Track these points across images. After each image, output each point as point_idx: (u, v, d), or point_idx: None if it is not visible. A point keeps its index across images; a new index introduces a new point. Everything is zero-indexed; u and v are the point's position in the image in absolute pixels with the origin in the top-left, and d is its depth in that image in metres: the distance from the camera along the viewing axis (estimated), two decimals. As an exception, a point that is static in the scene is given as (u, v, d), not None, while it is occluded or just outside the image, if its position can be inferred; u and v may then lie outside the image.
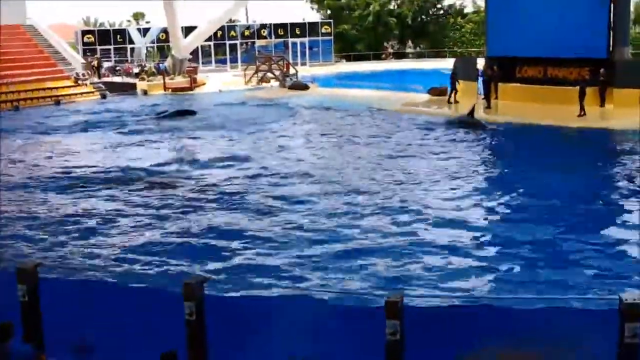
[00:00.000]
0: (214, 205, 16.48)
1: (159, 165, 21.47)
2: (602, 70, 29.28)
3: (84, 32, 60.34)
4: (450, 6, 70.12)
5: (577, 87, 28.32)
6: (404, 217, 14.91)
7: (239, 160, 22.10)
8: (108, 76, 50.31)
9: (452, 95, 33.26)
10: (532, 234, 13.65)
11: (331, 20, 65.59)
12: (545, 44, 30.80)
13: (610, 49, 30.03)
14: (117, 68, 52.75)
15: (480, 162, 21.45)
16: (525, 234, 13.66)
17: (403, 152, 22.96)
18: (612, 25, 29.92)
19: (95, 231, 14.63)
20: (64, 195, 17.91)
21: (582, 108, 27.42)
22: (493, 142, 25.25)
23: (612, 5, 29.80)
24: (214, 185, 18.54)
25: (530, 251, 12.72)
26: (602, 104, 29.41)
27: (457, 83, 33.31)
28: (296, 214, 15.39)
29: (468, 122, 26.89)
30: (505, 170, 20.80)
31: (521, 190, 17.62)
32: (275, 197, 16.96)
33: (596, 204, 16.03)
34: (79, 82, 44.54)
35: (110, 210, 16.25)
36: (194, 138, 27.38)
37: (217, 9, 50.75)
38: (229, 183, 18.80)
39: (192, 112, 34.15)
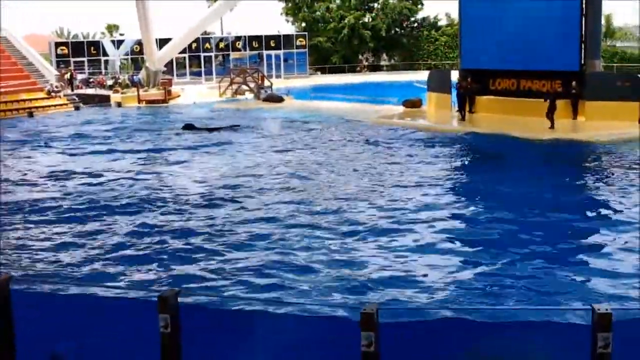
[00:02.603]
0: (187, 216, 16.43)
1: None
2: (574, 82, 29.64)
3: (57, 44, 59.96)
4: (424, 19, 70.67)
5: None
6: (366, 227, 14.99)
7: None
8: (82, 88, 50.06)
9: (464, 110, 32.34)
10: (492, 245, 13.82)
11: (306, 33, 65.80)
12: (518, 56, 31.13)
13: (582, 61, 30.39)
14: (91, 80, 52.53)
15: (446, 173, 21.51)
16: (485, 245, 13.84)
17: (375, 162, 23.10)
18: (583, 38, 30.31)
19: (72, 243, 14.51)
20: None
21: (551, 121, 27.64)
22: (462, 154, 25.52)
23: (583, 18, 30.19)
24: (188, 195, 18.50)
25: (496, 262, 12.80)
26: (574, 116, 29.77)
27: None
28: (269, 228, 15.40)
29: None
30: (472, 181, 21.04)
31: (484, 201, 17.94)
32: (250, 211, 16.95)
33: (560, 215, 16.15)
34: (52, 94, 44.27)
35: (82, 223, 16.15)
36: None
37: (192, 21, 50.72)
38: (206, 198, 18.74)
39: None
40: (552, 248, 13.54)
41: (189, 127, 32.97)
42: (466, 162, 24.31)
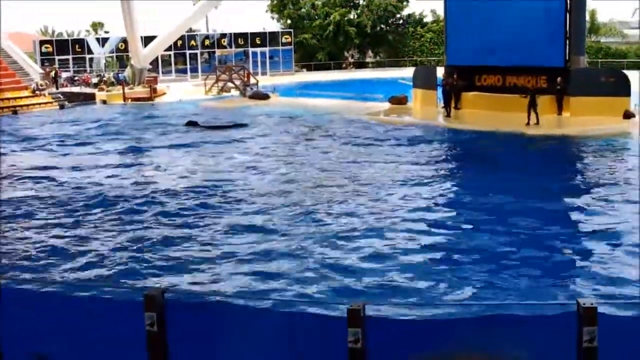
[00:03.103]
0: (172, 214, 16.39)
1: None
2: (559, 78, 29.77)
3: (42, 42, 59.66)
4: (410, 15, 70.68)
5: (541, 95, 28.84)
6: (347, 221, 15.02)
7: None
8: (66, 86, 49.79)
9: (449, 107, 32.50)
10: (477, 239, 13.89)
11: (291, 30, 65.75)
12: (503, 52, 31.24)
13: (567, 57, 30.53)
14: (76, 78, 52.27)
15: (430, 169, 21.50)
16: (469, 239, 13.91)
17: (359, 158, 23.13)
18: (568, 34, 30.44)
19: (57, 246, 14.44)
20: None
21: (534, 116, 27.69)
22: (448, 150, 25.59)
23: (568, 15, 30.32)
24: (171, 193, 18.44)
25: (481, 257, 12.86)
26: (559, 112, 29.94)
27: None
28: (255, 219, 15.39)
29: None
30: (457, 177, 21.11)
31: (469, 196, 18.07)
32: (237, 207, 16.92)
33: (546, 210, 16.23)
34: (37, 92, 44.02)
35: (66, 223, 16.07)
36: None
37: (177, 18, 50.56)
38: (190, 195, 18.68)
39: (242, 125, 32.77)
40: (536, 242, 13.60)
41: (192, 124, 32.52)
42: (451, 159, 24.34)
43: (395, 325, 6.16)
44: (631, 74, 30.46)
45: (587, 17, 44.79)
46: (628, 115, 28.34)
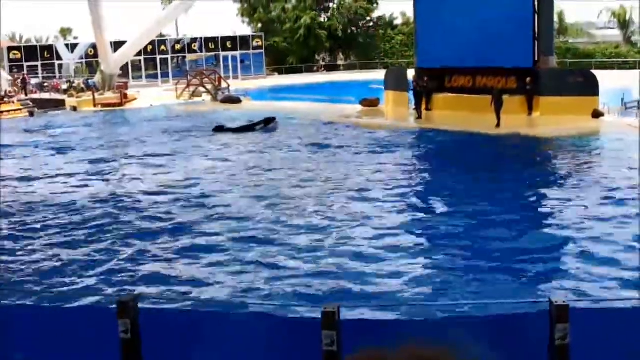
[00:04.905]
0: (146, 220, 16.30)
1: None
2: (528, 79, 30.00)
3: (10, 49, 59.08)
4: (380, 18, 70.95)
5: (511, 96, 29.09)
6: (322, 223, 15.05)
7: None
8: (36, 93, 49.36)
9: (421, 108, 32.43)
10: (444, 238, 14.00)
11: (262, 34, 65.71)
12: (473, 54, 31.38)
13: (536, 58, 30.79)
14: (45, 84, 51.83)
15: (401, 170, 21.60)
16: (435, 239, 14.02)
17: (333, 161, 23.18)
18: (537, 35, 30.71)
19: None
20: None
21: (498, 117, 27.71)
22: (419, 151, 25.75)
23: (536, 15, 30.60)
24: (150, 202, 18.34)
25: (452, 256, 12.95)
26: (529, 112, 30.16)
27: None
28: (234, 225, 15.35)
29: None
30: (428, 177, 21.25)
31: (439, 196, 18.17)
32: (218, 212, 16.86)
33: (513, 208, 16.37)
34: (6, 99, 43.58)
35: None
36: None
37: (146, 23, 50.30)
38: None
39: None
40: (502, 242, 13.70)
41: (219, 129, 31.36)
42: (422, 159, 24.45)
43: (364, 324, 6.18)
44: (599, 74, 30.85)
45: (555, 18, 45.21)
46: (597, 114, 28.67)
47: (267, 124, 31.62)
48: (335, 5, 69.32)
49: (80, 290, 11.87)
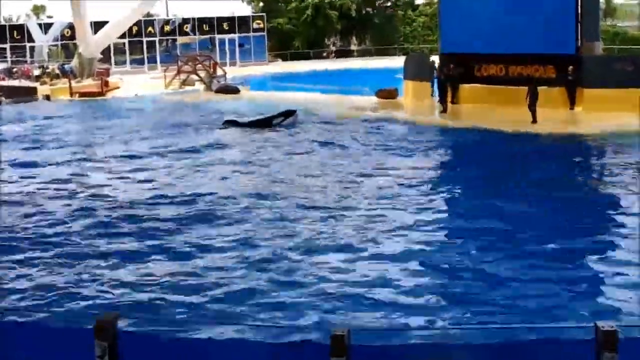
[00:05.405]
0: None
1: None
2: (570, 67, 29.81)
3: (-25, 29, 59.36)
4: (400, -3, 70.99)
5: (550, 87, 28.93)
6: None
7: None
8: (3, 79, 49.48)
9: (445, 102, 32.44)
10: (472, 258, 13.83)
11: (264, 14, 65.79)
12: (506, 39, 31.22)
13: (579, 44, 30.63)
14: (14, 70, 51.94)
15: (423, 177, 21.02)
16: (462, 258, 13.85)
17: (342, 162, 23.05)
18: (580, 17, 30.53)
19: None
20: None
21: (533, 114, 27.51)
22: (444, 153, 25.24)
23: (579, -6, 30.43)
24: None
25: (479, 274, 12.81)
26: (571, 107, 29.93)
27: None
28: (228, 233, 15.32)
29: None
30: (453, 187, 20.71)
31: (463, 209, 17.77)
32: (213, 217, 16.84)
33: (560, 230, 16.00)
34: (-31, 87, 43.79)
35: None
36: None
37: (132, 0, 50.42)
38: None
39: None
40: (545, 262, 13.53)
41: (230, 122, 31.11)
42: (448, 164, 23.99)
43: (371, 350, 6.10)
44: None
45: (602, -2, 45.13)
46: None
47: (287, 117, 31.12)
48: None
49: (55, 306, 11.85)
